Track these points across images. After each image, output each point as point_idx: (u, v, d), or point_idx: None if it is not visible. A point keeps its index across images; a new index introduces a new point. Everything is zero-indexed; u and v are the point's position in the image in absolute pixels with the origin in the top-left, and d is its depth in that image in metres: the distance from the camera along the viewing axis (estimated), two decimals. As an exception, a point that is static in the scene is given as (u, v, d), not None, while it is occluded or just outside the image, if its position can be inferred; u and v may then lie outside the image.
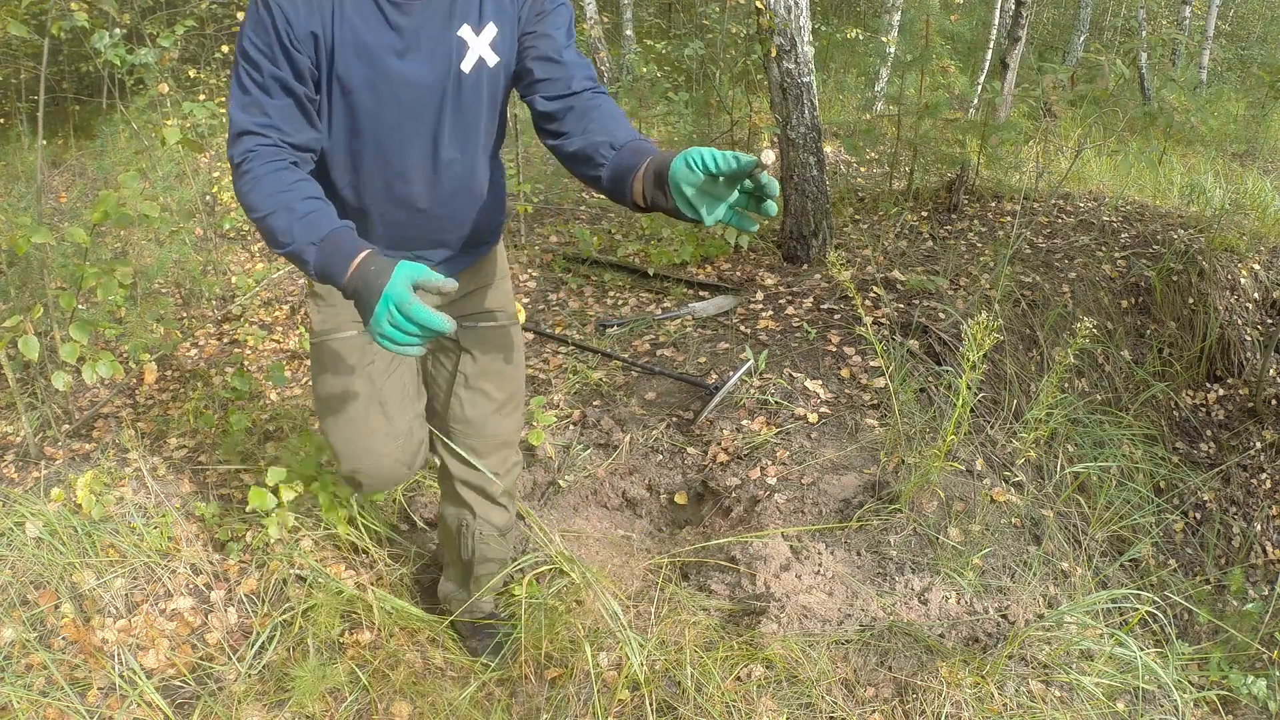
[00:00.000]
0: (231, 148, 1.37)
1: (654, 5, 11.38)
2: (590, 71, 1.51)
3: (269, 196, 1.32)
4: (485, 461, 1.82)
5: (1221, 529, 3.80)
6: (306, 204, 1.32)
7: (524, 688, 1.90)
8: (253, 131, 1.35)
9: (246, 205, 1.34)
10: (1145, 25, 10.25)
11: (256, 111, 1.35)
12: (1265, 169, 6.70)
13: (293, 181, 1.34)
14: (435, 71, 1.43)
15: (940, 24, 4.46)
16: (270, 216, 1.31)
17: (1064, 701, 1.79)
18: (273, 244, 1.34)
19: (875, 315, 3.34)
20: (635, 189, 1.30)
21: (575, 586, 1.99)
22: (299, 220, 1.30)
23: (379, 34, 1.37)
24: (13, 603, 2.03)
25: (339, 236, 1.30)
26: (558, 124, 1.49)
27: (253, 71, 1.34)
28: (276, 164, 1.35)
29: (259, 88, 1.35)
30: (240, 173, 1.35)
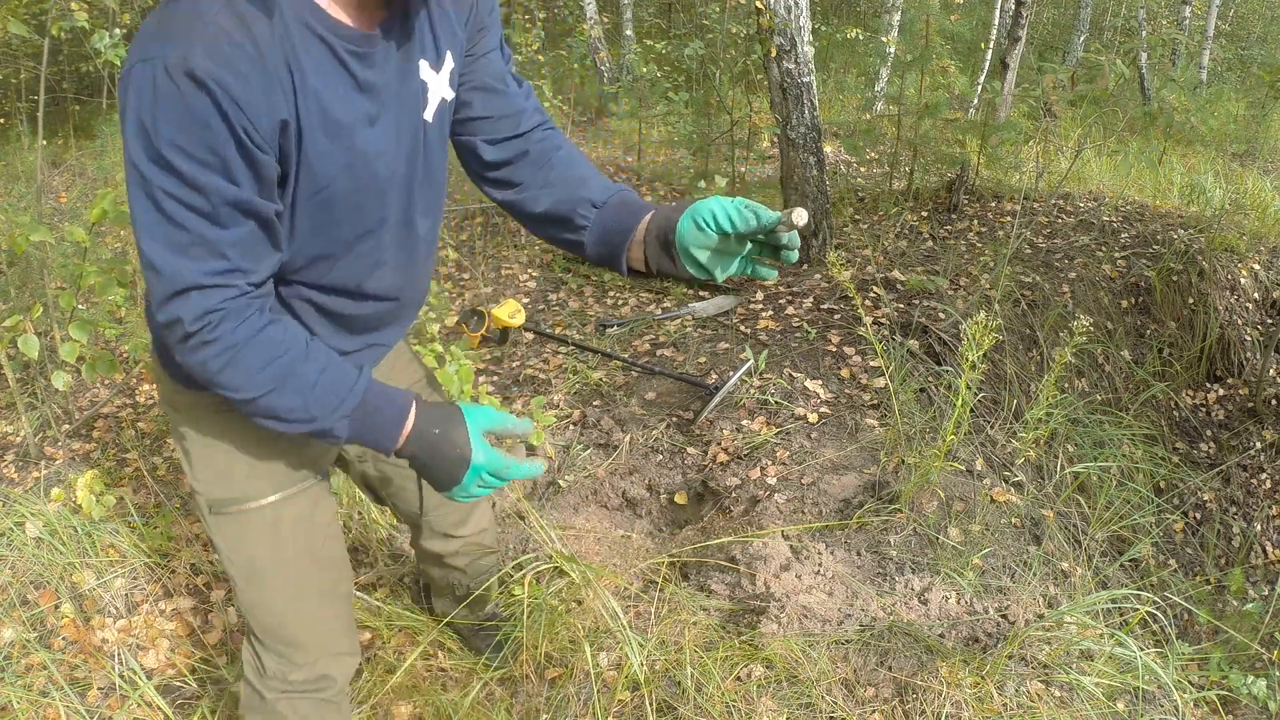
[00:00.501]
0: (171, 307, 0.94)
1: (654, 5, 11.38)
2: (535, 100, 1.24)
3: (260, 372, 0.99)
4: (474, 519, 1.69)
5: (1221, 529, 3.80)
6: (312, 367, 1.02)
7: (524, 688, 1.90)
8: (205, 286, 0.94)
9: (224, 385, 0.99)
10: (1145, 25, 10.25)
11: (205, 254, 0.93)
12: (1265, 169, 6.70)
13: (282, 340, 1.00)
14: (405, 131, 1.08)
15: (940, 24, 4.46)
16: (270, 396, 1.00)
17: (1064, 701, 1.79)
18: (278, 424, 1.03)
19: (875, 315, 3.34)
20: (634, 255, 1.14)
21: (575, 586, 1.99)
22: (313, 391, 1.02)
23: (349, 101, 0.99)
24: (13, 603, 2.03)
25: (373, 402, 1.05)
26: (507, 172, 1.22)
27: (189, 195, 0.89)
28: (251, 323, 0.98)
29: (204, 218, 0.90)
30: (200, 344, 0.96)
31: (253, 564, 1.29)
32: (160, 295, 0.95)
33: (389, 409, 1.06)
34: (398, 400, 1.07)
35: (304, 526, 1.30)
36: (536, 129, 1.22)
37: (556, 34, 9.54)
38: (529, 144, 1.21)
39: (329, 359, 1.04)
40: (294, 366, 1.01)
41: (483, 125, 1.20)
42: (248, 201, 0.93)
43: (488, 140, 1.20)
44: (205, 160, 0.88)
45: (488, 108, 1.19)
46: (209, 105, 0.85)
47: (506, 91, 1.21)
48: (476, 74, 1.18)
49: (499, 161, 1.21)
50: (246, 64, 0.86)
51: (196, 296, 0.94)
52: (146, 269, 0.95)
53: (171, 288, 0.94)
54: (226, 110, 0.86)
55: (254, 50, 0.87)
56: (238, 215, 0.93)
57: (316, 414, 1.02)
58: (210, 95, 0.85)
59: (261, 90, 0.88)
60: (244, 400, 1.01)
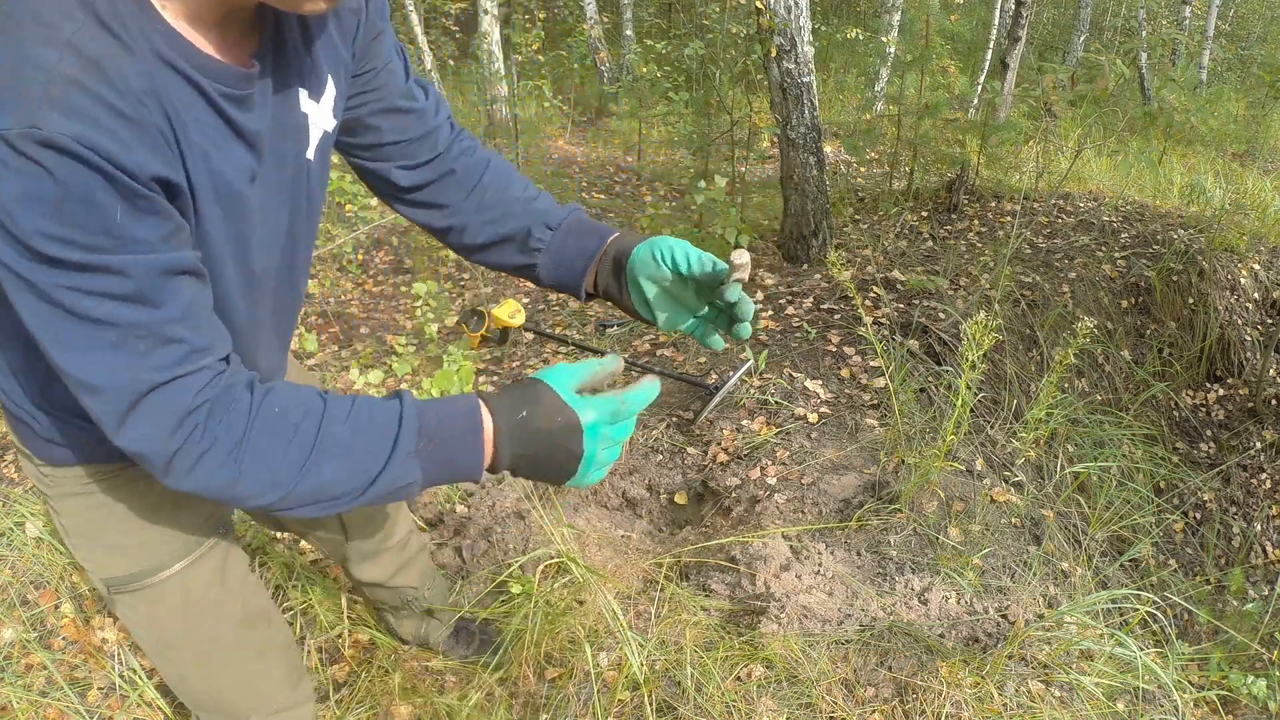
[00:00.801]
0: (135, 429, 0.75)
1: (654, 5, 11.38)
2: (446, 107, 1.10)
3: (282, 459, 0.79)
4: (399, 524, 1.58)
5: (1221, 529, 3.80)
6: (338, 423, 0.81)
7: (524, 688, 1.90)
8: (165, 382, 0.74)
9: (249, 495, 0.79)
10: (1145, 25, 10.25)
11: (150, 345, 0.72)
12: (1265, 169, 6.70)
13: (289, 408, 0.80)
14: (287, 180, 0.92)
15: (940, 24, 4.46)
16: (306, 481, 0.80)
17: (1064, 701, 1.79)
18: (334, 505, 0.83)
19: (875, 315, 3.34)
20: (589, 280, 1.06)
21: (576, 584, 1.99)
22: (355, 449, 0.81)
23: (233, 156, 0.81)
24: (13, 603, 2.03)
25: (434, 425, 0.83)
26: (429, 194, 1.09)
27: (100, 281, 0.69)
28: (242, 405, 0.78)
29: (130, 302, 0.71)
30: (195, 462, 0.76)
31: (168, 640, 1.18)
32: (114, 419, 0.74)
33: (457, 422, 0.84)
34: (461, 407, 0.84)
35: (216, 589, 1.18)
36: (454, 144, 1.10)
37: (556, 34, 9.55)
38: (451, 162, 1.09)
39: (354, 403, 0.83)
40: (319, 432, 0.79)
41: (396, 150, 1.06)
42: (177, 262, 0.73)
43: (403, 166, 1.07)
44: (97, 244, 0.67)
45: (399, 131, 1.05)
46: (86, 176, 0.65)
47: (416, 108, 1.06)
48: (379, 93, 1.02)
49: (418, 185, 1.08)
50: (113, 118, 0.67)
51: (160, 400, 0.74)
52: (81, 392, 0.74)
53: (125, 402, 0.73)
54: (112, 176, 0.66)
55: (119, 99, 0.67)
56: (171, 282, 0.73)
57: (373, 472, 0.81)
58: (85, 163, 0.65)
59: (144, 148, 0.69)
60: (280, 501, 0.80)
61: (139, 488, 1.06)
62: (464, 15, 8.50)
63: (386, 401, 0.84)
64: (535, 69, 7.54)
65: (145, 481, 1.06)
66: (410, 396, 0.85)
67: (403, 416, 0.83)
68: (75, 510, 1.07)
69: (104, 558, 1.11)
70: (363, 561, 1.56)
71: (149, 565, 1.11)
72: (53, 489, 1.07)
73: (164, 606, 1.14)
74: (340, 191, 4.09)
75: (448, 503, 2.48)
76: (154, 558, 1.11)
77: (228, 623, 1.21)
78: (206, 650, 1.21)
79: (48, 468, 1.04)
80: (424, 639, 1.92)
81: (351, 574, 1.58)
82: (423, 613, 1.79)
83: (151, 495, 1.08)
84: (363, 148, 1.06)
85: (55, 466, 1.04)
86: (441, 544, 2.36)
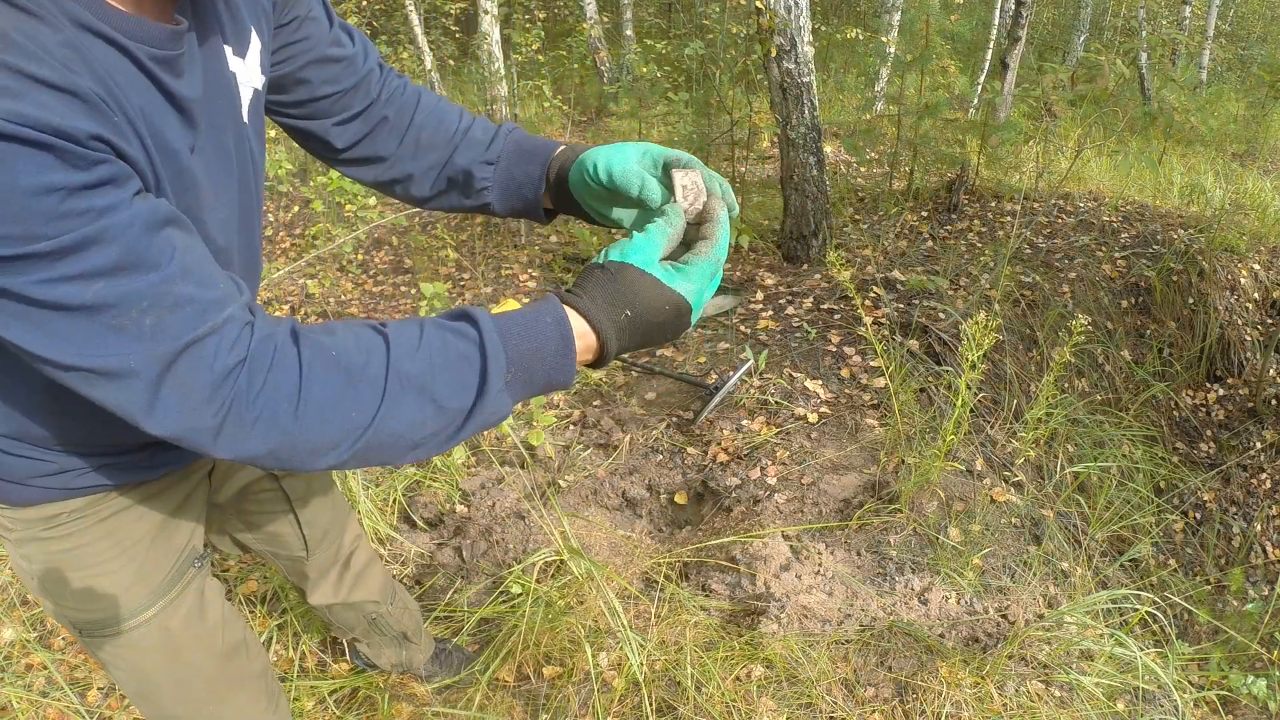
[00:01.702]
0: (167, 407, 0.65)
1: (654, 5, 11.38)
2: (375, 51, 1.02)
3: (354, 408, 0.69)
4: (345, 546, 1.49)
5: (1221, 529, 3.80)
6: (412, 363, 0.71)
7: (524, 687, 1.90)
8: (191, 343, 0.64)
9: (313, 454, 0.69)
10: (1145, 25, 10.25)
11: (161, 314, 0.64)
12: (1265, 169, 6.71)
13: (340, 343, 0.70)
14: (229, 147, 0.85)
15: (940, 24, 4.46)
16: (379, 427, 0.70)
17: (1064, 701, 1.79)
18: (418, 453, 0.73)
19: (875, 315, 3.34)
20: (544, 201, 1.00)
21: (577, 582, 1.99)
22: (436, 392, 0.71)
23: (172, 125, 0.74)
24: (13, 603, 2.03)
25: (518, 344, 0.74)
26: (366, 147, 1.01)
27: (78, 262, 0.60)
28: (286, 350, 0.68)
29: (121, 274, 0.62)
30: (241, 427, 0.67)
31: (148, 682, 1.13)
32: (141, 403, 0.65)
33: (548, 344, 0.74)
34: (549, 322, 0.74)
35: (194, 629, 1.12)
36: (384, 88, 1.01)
37: (556, 34, 9.55)
38: (383, 108, 1.00)
39: (422, 332, 0.72)
40: (388, 370, 0.70)
41: (329, 105, 0.97)
42: (154, 212, 0.64)
43: (339, 121, 0.99)
44: (61, 227, 0.59)
45: (330, 82, 0.96)
46: (26, 154, 0.57)
47: (346, 55, 0.97)
48: (306, 44, 0.94)
49: (354, 140, 1.00)
50: (37, 88, 0.58)
51: (187, 369, 0.64)
52: (97, 386, 0.65)
53: (148, 380, 0.64)
54: (54, 146, 0.58)
55: (39, 67, 0.59)
56: (157, 237, 0.64)
57: (463, 409, 0.72)
58: (20, 140, 0.56)
59: (80, 114, 0.60)
60: (357, 454, 0.70)
61: (108, 526, 1.00)
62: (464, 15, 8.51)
63: (459, 325, 0.74)
64: (535, 69, 7.54)
65: (115, 519, 1.02)
66: (485, 318, 0.74)
67: (485, 348, 0.72)
68: (38, 554, 1.00)
69: (73, 604, 1.03)
70: (321, 581, 1.48)
71: (122, 612, 1.04)
72: (13, 533, 0.99)
73: (141, 652, 1.09)
74: (340, 191, 4.09)
75: (448, 502, 2.48)
76: (127, 604, 1.04)
77: (209, 658, 1.16)
78: (186, 692, 1.16)
79: (7, 509, 0.97)
80: (406, 664, 1.80)
81: (311, 600, 1.51)
82: (398, 636, 1.70)
83: (122, 534, 1.02)
84: (295, 105, 0.97)
85: (14, 508, 0.96)
86: (441, 544, 2.36)
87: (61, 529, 0.99)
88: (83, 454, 0.94)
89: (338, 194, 4.13)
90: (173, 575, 1.10)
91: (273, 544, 1.37)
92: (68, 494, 0.97)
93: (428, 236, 4.82)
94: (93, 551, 1.01)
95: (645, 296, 0.76)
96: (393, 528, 2.42)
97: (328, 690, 1.89)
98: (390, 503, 2.52)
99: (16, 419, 0.89)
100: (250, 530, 1.33)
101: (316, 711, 1.87)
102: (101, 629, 1.05)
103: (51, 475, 0.94)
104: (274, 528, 1.34)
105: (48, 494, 0.96)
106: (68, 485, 0.96)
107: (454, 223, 5.04)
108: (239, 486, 1.25)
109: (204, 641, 1.15)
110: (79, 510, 0.99)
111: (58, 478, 0.95)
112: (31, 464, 0.93)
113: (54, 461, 0.93)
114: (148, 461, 1.01)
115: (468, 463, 2.64)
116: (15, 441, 0.91)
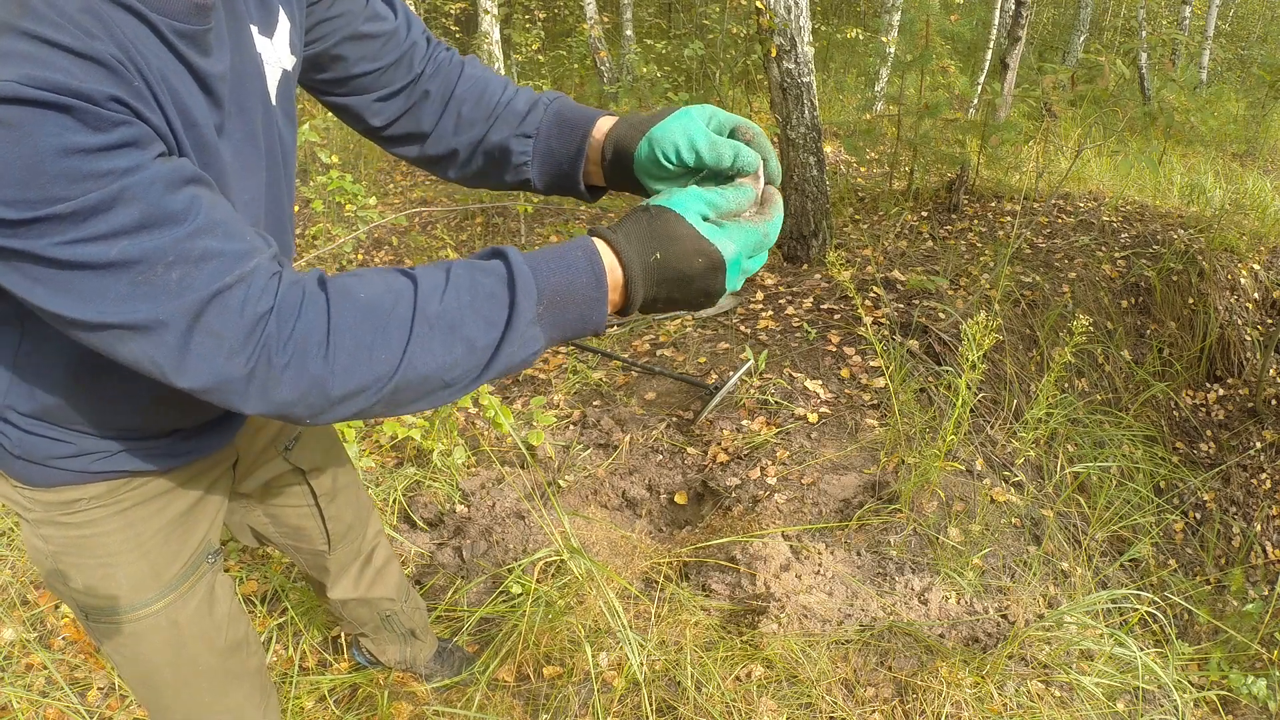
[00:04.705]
0: (198, 357, 0.65)
1: (654, 5, 11.38)
2: (419, 23, 0.98)
3: (384, 349, 0.68)
4: (368, 542, 1.51)
5: (1221, 529, 3.80)
6: (439, 303, 0.70)
7: (524, 687, 1.90)
8: (218, 292, 0.64)
9: (344, 399, 0.69)
10: (1145, 25, 10.25)
11: (185, 269, 0.63)
12: (1265, 169, 6.71)
13: (379, 296, 0.70)
14: (257, 130, 0.83)
15: (940, 24, 4.47)
16: (409, 367, 0.69)
17: (1064, 701, 1.79)
18: (449, 393, 0.73)
19: (875, 315, 3.34)
20: (593, 174, 0.94)
21: (577, 581, 1.99)
22: (464, 330, 0.70)
23: (197, 101, 0.73)
24: (13, 603, 2.03)
25: (549, 278, 0.73)
26: (407, 123, 0.98)
27: (97, 223, 0.60)
28: (314, 296, 0.68)
29: (141, 233, 0.62)
30: (281, 369, 0.67)
31: (149, 671, 1.13)
32: (171, 356, 0.65)
33: (579, 277, 0.73)
34: (581, 257, 0.73)
35: (201, 623, 1.13)
36: (429, 62, 0.97)
37: (556, 34, 9.55)
38: (427, 84, 0.97)
39: (449, 272, 0.72)
40: (415, 311, 0.69)
41: (369, 81, 0.94)
42: (177, 171, 0.64)
43: (380, 98, 0.96)
44: (83, 188, 0.59)
45: (368, 59, 0.93)
46: (48, 118, 0.57)
47: (385, 30, 0.94)
48: (340, 20, 0.91)
49: (395, 116, 0.97)
50: (57, 53, 0.59)
51: (216, 318, 0.64)
52: (124, 342, 0.64)
53: (178, 331, 0.64)
54: (75, 108, 0.58)
55: (59, 33, 0.59)
56: (180, 193, 0.64)
57: (491, 345, 0.71)
58: (42, 105, 0.57)
59: (100, 78, 0.60)
60: (386, 398, 0.70)
61: (126, 518, 1.00)
62: (464, 15, 8.51)
63: (488, 263, 0.73)
64: (535, 69, 7.55)
65: (134, 511, 1.01)
66: (515, 253, 0.73)
67: (514, 280, 0.71)
68: (55, 537, 1.00)
69: (84, 588, 1.03)
70: (342, 576, 1.49)
71: (134, 601, 1.05)
72: (31, 513, 0.99)
73: (147, 643, 1.09)
74: (340, 191, 4.09)
75: (448, 502, 2.48)
76: (139, 594, 1.05)
77: (211, 652, 1.16)
78: (187, 679, 1.16)
79: (27, 489, 0.97)
80: (410, 662, 1.81)
81: (329, 594, 1.52)
82: (405, 634, 1.71)
83: (139, 526, 1.02)
84: (333, 83, 0.95)
85: (34, 488, 0.96)
86: (441, 544, 2.36)
87: (79, 515, 0.98)
88: (105, 436, 0.94)
89: (337, 194, 4.13)
90: (185, 570, 1.10)
91: (295, 538, 1.37)
92: (87, 478, 0.96)
93: (428, 236, 4.82)
94: (108, 541, 1.01)
95: (679, 242, 0.74)
96: (393, 528, 2.42)
97: (328, 688, 1.89)
98: (390, 503, 2.52)
99: (40, 397, 0.88)
100: (274, 523, 1.34)
101: (316, 710, 1.87)
102: (107, 616, 1.06)
103: (71, 457, 0.94)
104: (298, 522, 1.34)
105: (67, 476, 0.95)
106: (86, 469, 0.95)
107: (454, 223, 5.05)
108: (265, 479, 1.25)
109: (209, 636, 1.15)
110: (98, 497, 0.98)
111: (77, 460, 0.94)
112: (51, 444, 0.92)
113: (74, 443, 0.93)
114: (170, 449, 1.00)
115: (468, 463, 2.64)
116: (37, 421, 0.90)
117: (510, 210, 4.95)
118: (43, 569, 1.05)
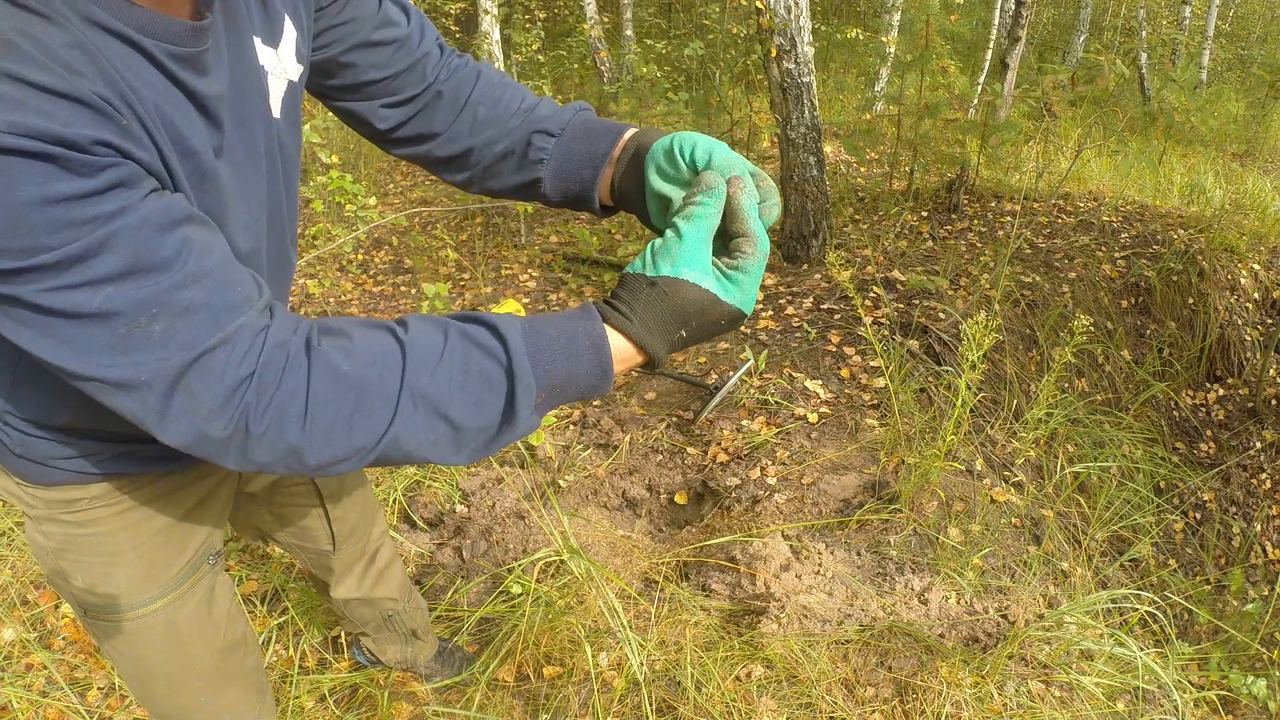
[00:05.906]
0: (177, 414, 0.65)
1: (654, 5, 11.38)
2: (432, 29, 0.96)
3: (363, 426, 0.67)
4: (373, 543, 1.50)
5: (1221, 529, 3.80)
6: (430, 379, 0.68)
7: (524, 687, 1.90)
8: (197, 357, 0.63)
9: (322, 468, 0.69)
10: (1145, 25, 10.25)
11: (168, 323, 0.62)
12: (1265, 169, 6.71)
13: (364, 368, 0.67)
14: (258, 146, 0.81)
15: (940, 24, 4.46)
16: (395, 446, 0.69)
17: (1064, 701, 1.79)
18: (434, 460, 0.71)
19: (875, 315, 3.34)
20: (604, 184, 0.90)
21: (577, 581, 1.99)
22: (454, 413, 0.69)
23: (194, 125, 0.71)
24: (13, 603, 2.03)
25: (552, 379, 0.71)
26: (417, 125, 0.95)
27: (83, 270, 0.59)
28: (297, 363, 0.66)
29: (127, 279, 0.60)
30: (259, 437, 0.66)
31: (146, 669, 1.14)
32: (153, 414, 0.64)
33: (585, 368, 0.71)
34: (586, 345, 0.71)
35: (199, 623, 1.13)
36: (442, 69, 0.95)
37: (556, 34, 9.56)
38: (438, 87, 0.94)
39: (445, 343, 0.69)
40: (402, 387, 0.67)
41: (379, 88, 0.92)
42: (167, 212, 0.62)
43: (388, 105, 0.93)
44: (66, 237, 0.57)
45: (378, 67, 0.91)
46: (29, 166, 0.55)
47: (396, 37, 0.91)
48: (349, 27, 0.89)
49: (403, 120, 0.95)
50: (40, 96, 0.56)
51: (197, 382, 0.63)
52: (109, 395, 0.64)
53: (159, 392, 0.63)
54: (58, 156, 0.56)
55: (42, 74, 0.57)
56: (169, 237, 0.62)
57: (485, 432, 0.70)
58: (22, 153, 0.55)
59: (85, 121, 0.58)
60: (367, 464, 0.70)
61: (126, 519, 1.00)
62: (464, 15, 8.51)
63: (488, 340, 0.70)
64: (535, 69, 7.55)
65: (134, 512, 1.02)
66: (516, 337, 0.70)
67: (513, 371, 0.69)
68: (56, 534, 1.01)
69: (84, 587, 1.03)
70: (345, 576, 1.49)
71: (134, 600, 1.05)
72: (34, 509, 0.99)
73: (145, 642, 1.10)
74: (340, 191, 4.09)
75: (448, 502, 2.48)
76: (139, 593, 1.05)
77: (209, 652, 1.17)
78: (184, 678, 1.16)
79: (30, 487, 0.97)
80: (410, 662, 1.81)
81: (332, 593, 1.52)
82: (407, 634, 1.71)
83: (140, 528, 1.02)
84: (341, 89, 0.93)
85: (36, 486, 0.96)
86: (441, 544, 2.36)
87: (80, 513, 0.99)
88: (105, 440, 0.95)
89: (337, 194, 4.13)
90: (185, 571, 1.10)
91: (300, 537, 1.38)
92: (88, 477, 0.96)
93: (428, 236, 4.82)
94: (109, 541, 1.01)
95: (703, 313, 0.73)
96: (393, 528, 2.42)
97: (328, 687, 1.89)
98: (390, 503, 2.52)
99: (40, 406, 0.89)
100: (279, 522, 1.34)
101: (317, 709, 1.87)
102: (107, 614, 1.06)
103: (72, 458, 0.94)
104: (304, 522, 1.34)
105: (67, 476, 0.96)
106: (86, 470, 0.95)
107: (454, 223, 5.05)
108: (271, 480, 1.26)
109: (207, 636, 1.16)
110: (99, 497, 0.99)
111: (77, 461, 0.95)
112: (52, 445, 0.93)
113: (75, 446, 0.94)
114: (170, 453, 0.99)
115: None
116: (37, 425, 0.91)
117: (510, 210, 4.95)
118: (44, 565, 1.05)
